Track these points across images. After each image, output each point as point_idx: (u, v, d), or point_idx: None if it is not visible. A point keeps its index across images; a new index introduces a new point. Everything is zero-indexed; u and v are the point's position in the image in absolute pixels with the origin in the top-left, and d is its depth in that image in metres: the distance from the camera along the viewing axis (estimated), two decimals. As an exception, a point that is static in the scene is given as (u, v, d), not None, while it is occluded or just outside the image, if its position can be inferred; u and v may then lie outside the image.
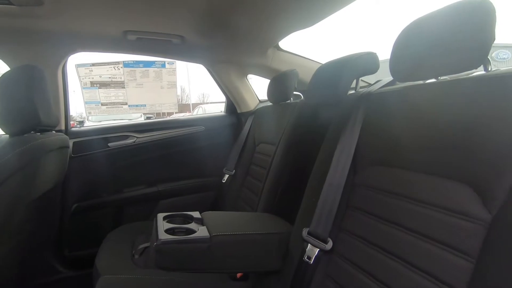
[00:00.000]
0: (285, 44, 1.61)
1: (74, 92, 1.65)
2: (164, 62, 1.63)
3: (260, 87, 1.79)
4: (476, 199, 0.48)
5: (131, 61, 1.59)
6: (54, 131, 1.20)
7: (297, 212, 0.88)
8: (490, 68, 0.59)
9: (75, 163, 1.49)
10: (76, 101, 1.77)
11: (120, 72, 1.59)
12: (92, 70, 1.55)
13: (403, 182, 0.61)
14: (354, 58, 0.95)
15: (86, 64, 1.54)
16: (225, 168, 1.60)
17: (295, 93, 1.37)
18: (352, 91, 0.93)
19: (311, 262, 0.74)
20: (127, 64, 1.59)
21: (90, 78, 1.56)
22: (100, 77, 1.56)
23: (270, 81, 1.43)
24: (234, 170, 1.55)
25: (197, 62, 1.65)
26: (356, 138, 0.77)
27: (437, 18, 0.61)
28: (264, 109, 1.54)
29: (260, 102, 1.83)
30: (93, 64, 1.55)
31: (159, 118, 1.94)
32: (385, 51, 0.87)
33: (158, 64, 1.62)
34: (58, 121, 1.16)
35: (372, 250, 0.63)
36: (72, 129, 1.53)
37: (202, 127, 1.74)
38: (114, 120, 2.62)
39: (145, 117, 2.99)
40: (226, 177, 1.57)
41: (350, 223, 0.72)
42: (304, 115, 1.17)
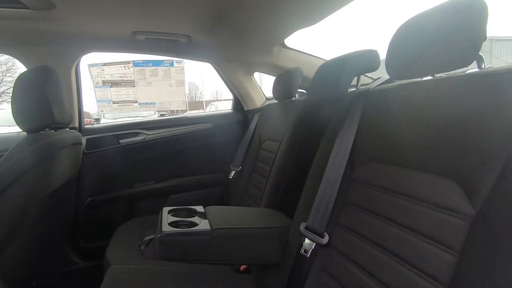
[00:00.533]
0: (291, 42, 1.62)
1: (91, 91, 1.72)
2: (173, 61, 1.68)
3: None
4: (463, 196, 0.49)
5: (141, 61, 1.64)
6: (68, 129, 1.26)
7: None
8: (484, 65, 0.60)
9: (88, 159, 1.55)
10: (93, 99, 1.83)
11: (130, 71, 1.64)
12: (104, 70, 1.61)
13: (397, 179, 0.62)
14: (355, 56, 0.96)
15: (98, 64, 1.60)
16: (232, 165, 1.63)
17: (300, 91, 1.38)
18: (354, 89, 0.94)
19: (308, 256, 0.77)
20: (137, 64, 1.64)
21: (102, 77, 1.62)
22: (112, 76, 1.62)
23: (275, 79, 1.45)
24: (241, 167, 1.59)
25: (204, 61, 1.68)
26: (353, 135, 0.79)
27: (431, 17, 0.61)
28: (270, 107, 1.57)
29: (267, 100, 1.85)
30: (105, 64, 1.61)
31: (169, 116, 1.98)
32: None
33: (167, 63, 1.67)
34: (72, 119, 1.21)
35: (366, 245, 0.65)
36: (85, 127, 1.59)
37: (210, 124, 1.78)
38: (129, 118, 2.69)
39: (159, 114, 3.07)
40: (233, 174, 1.61)
41: (346, 219, 0.74)
42: (307, 113, 1.19)
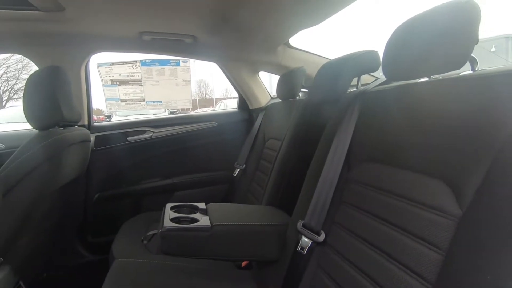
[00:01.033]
0: (297, 41, 1.63)
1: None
2: (179, 61, 1.71)
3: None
4: (451, 196, 0.50)
5: (148, 60, 1.68)
6: (77, 126, 1.30)
7: None
8: (477, 68, 0.60)
9: (97, 156, 1.60)
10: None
11: (138, 71, 1.68)
12: (112, 69, 1.65)
13: (390, 179, 0.64)
14: (355, 57, 0.96)
15: (107, 63, 1.65)
16: (236, 163, 1.66)
17: (303, 90, 1.39)
18: (354, 89, 0.95)
19: (304, 253, 0.78)
20: (144, 63, 1.68)
21: (110, 76, 1.66)
22: (120, 75, 1.67)
23: (279, 79, 1.47)
24: (245, 165, 1.61)
25: (210, 60, 1.71)
26: (350, 135, 0.80)
27: (425, 19, 0.62)
28: (274, 106, 1.58)
29: (272, 99, 1.87)
30: (113, 63, 1.65)
31: (178, 114, 2.02)
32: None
33: (173, 63, 1.70)
34: (81, 117, 1.26)
35: (360, 244, 0.66)
36: (94, 124, 1.64)
37: (215, 123, 1.81)
38: (139, 115, 2.75)
39: (169, 112, 3.12)
40: (237, 171, 1.63)
41: (342, 218, 0.75)
42: (308, 112, 1.20)
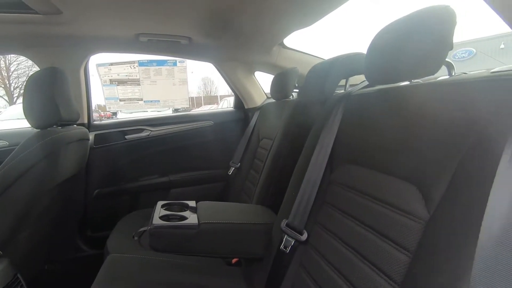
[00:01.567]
0: (294, 42, 1.65)
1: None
2: (176, 61, 1.75)
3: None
4: (420, 199, 0.52)
5: (146, 60, 1.72)
6: (75, 125, 1.34)
7: None
8: (454, 73, 0.62)
9: (97, 153, 1.65)
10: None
11: (136, 71, 1.72)
12: (111, 69, 1.70)
13: (369, 182, 0.66)
14: (342, 59, 0.98)
15: (105, 64, 1.69)
16: (232, 161, 1.69)
17: (296, 91, 1.41)
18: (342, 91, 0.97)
19: (287, 252, 0.81)
20: (142, 63, 1.72)
21: (109, 76, 1.71)
22: (118, 75, 1.71)
23: (272, 79, 1.49)
24: (239, 164, 1.64)
25: (205, 61, 1.74)
26: (334, 137, 0.81)
27: (403, 25, 0.63)
28: (268, 106, 1.60)
29: (268, 98, 1.89)
30: (112, 64, 1.69)
31: (179, 113, 2.05)
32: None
33: (170, 63, 1.74)
34: (79, 116, 1.30)
35: (338, 244, 0.68)
36: (94, 123, 1.69)
37: (211, 122, 1.84)
38: (144, 112, 2.79)
39: (173, 110, 3.15)
40: (232, 170, 1.67)
41: (324, 218, 0.77)
42: (297, 113, 1.22)
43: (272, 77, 1.50)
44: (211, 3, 1.13)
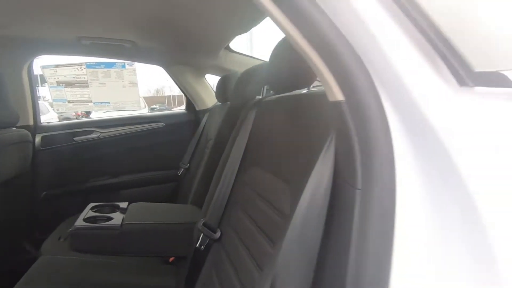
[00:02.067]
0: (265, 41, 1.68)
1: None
2: (124, 63, 1.76)
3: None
4: (289, 198, 0.57)
5: (93, 63, 1.73)
6: (15, 128, 1.34)
7: None
8: (311, 88, 0.69)
9: (44, 155, 1.64)
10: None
11: (83, 73, 1.72)
12: (57, 71, 1.69)
13: (260, 182, 0.72)
14: (264, 66, 1.04)
15: (51, 66, 1.68)
16: (181, 162, 1.73)
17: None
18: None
19: (202, 250, 0.86)
20: (90, 65, 1.72)
21: (56, 78, 1.70)
22: (65, 77, 1.71)
23: (217, 83, 1.54)
24: (189, 164, 1.68)
25: (153, 64, 1.77)
26: (246, 140, 0.87)
27: (282, 42, 0.70)
28: (216, 108, 1.65)
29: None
30: (57, 66, 1.69)
31: (125, 114, 2.05)
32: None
33: (119, 65, 1.75)
34: (19, 118, 1.30)
35: (238, 243, 0.73)
36: (41, 124, 1.67)
37: (162, 124, 1.87)
38: (118, 113, 2.75)
39: (149, 109, 3.10)
40: (182, 171, 1.70)
41: (234, 218, 0.82)
42: (228, 116, 1.28)
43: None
44: (153, 9, 1.15)
